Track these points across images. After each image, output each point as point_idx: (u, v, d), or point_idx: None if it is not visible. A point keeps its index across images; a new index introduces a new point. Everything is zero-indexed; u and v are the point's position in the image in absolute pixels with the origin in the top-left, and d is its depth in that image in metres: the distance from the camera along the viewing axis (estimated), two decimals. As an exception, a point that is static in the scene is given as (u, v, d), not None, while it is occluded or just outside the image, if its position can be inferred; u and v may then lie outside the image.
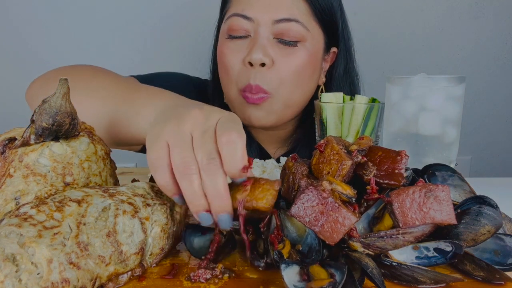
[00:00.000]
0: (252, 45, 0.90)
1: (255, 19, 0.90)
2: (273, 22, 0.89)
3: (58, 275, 0.37)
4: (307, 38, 0.91)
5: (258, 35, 0.90)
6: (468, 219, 0.45)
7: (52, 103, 0.48)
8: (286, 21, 0.89)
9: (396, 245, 0.43)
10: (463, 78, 0.70)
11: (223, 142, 0.44)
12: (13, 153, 0.47)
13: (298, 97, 0.96)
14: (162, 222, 0.47)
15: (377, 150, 0.50)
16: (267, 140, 1.08)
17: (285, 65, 0.91)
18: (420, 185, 0.45)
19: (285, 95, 0.93)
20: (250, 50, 0.90)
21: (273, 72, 0.90)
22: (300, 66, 0.92)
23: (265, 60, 0.88)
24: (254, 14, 0.90)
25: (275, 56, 0.90)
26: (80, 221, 0.41)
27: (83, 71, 0.81)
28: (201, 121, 0.49)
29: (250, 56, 0.89)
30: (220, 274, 0.44)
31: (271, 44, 0.90)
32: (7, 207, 0.45)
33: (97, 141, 0.53)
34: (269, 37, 0.90)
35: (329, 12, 0.95)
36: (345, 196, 0.45)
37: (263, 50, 0.88)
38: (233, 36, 0.92)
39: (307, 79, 0.95)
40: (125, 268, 0.43)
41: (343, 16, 1.01)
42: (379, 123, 0.77)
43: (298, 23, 0.89)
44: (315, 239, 0.45)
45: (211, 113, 0.50)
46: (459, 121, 0.72)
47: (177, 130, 0.48)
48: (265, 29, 0.90)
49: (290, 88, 0.92)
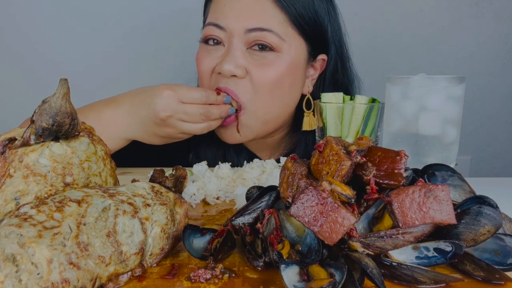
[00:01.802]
0: (224, 55, 0.88)
1: (228, 28, 0.88)
2: (245, 31, 0.87)
3: (58, 275, 0.37)
4: (282, 48, 0.88)
5: (231, 45, 0.88)
6: (468, 219, 0.45)
7: (52, 104, 0.48)
8: (259, 30, 0.86)
9: (396, 245, 0.43)
10: (463, 78, 0.70)
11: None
12: (13, 153, 0.47)
13: (277, 110, 0.93)
14: (162, 223, 0.47)
15: (376, 150, 0.50)
16: (259, 148, 1.06)
17: (259, 76, 0.88)
18: (420, 185, 0.45)
19: (261, 109, 0.90)
20: (222, 60, 0.88)
21: (246, 82, 0.88)
22: (276, 78, 0.88)
23: (237, 72, 0.86)
24: (227, 23, 0.88)
25: (248, 66, 0.88)
26: (80, 221, 0.41)
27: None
28: (168, 97, 0.82)
29: (220, 66, 0.87)
30: (220, 274, 0.44)
31: (243, 55, 0.88)
32: (7, 207, 0.45)
33: (97, 141, 0.53)
34: (242, 48, 0.88)
35: (311, 20, 0.90)
36: (344, 196, 0.45)
37: (234, 61, 0.86)
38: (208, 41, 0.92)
39: (285, 91, 0.91)
40: (125, 268, 0.43)
41: (334, 21, 0.96)
42: (379, 123, 0.77)
43: (271, 33, 0.86)
44: (315, 239, 0.45)
45: (172, 85, 0.84)
46: (459, 121, 0.72)
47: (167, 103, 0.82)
48: (238, 39, 0.87)
49: (265, 101, 0.89)
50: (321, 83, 0.99)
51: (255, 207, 0.55)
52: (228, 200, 0.72)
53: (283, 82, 0.90)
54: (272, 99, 0.90)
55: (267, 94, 0.89)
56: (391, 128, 0.74)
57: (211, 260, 0.46)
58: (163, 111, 0.81)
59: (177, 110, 0.81)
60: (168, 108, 0.81)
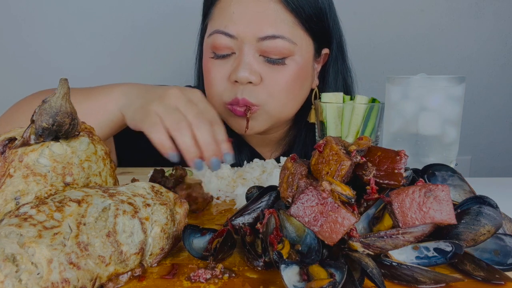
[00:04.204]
0: (237, 63, 0.87)
1: (239, 36, 0.86)
2: (257, 40, 0.85)
3: (58, 275, 0.37)
4: (295, 52, 0.88)
5: (243, 52, 0.86)
6: (468, 219, 0.45)
7: (52, 103, 0.48)
8: (271, 38, 0.85)
9: (396, 245, 0.43)
10: (463, 78, 0.70)
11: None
12: (13, 153, 0.47)
13: (289, 109, 0.95)
14: (162, 222, 0.47)
15: (376, 150, 0.50)
16: (261, 143, 1.07)
17: (274, 82, 0.88)
18: (420, 185, 0.45)
19: (275, 108, 0.91)
20: (236, 68, 0.86)
21: (261, 88, 0.88)
22: (290, 81, 0.89)
23: (252, 78, 0.86)
24: (237, 32, 0.86)
25: (263, 73, 0.87)
26: (80, 221, 0.41)
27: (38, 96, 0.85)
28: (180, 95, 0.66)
29: (236, 75, 0.86)
30: (220, 274, 0.44)
31: (257, 62, 0.87)
32: (7, 207, 0.45)
33: (97, 141, 0.53)
34: (255, 55, 0.87)
35: (317, 18, 0.91)
36: (344, 196, 0.45)
37: (249, 69, 0.86)
38: (218, 55, 0.89)
39: (298, 91, 0.93)
40: (125, 268, 0.43)
41: (334, 16, 0.97)
42: (379, 123, 0.77)
43: (284, 39, 0.86)
44: (315, 239, 0.45)
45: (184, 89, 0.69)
46: (459, 121, 0.72)
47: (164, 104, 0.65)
48: (249, 47, 0.86)
49: (280, 103, 0.91)
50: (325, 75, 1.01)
51: (255, 207, 0.55)
52: (228, 200, 0.72)
53: (296, 83, 0.91)
54: (286, 100, 0.91)
55: (282, 97, 0.90)
56: (391, 128, 0.74)
57: (211, 260, 0.46)
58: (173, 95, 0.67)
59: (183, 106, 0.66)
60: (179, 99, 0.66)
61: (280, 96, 0.90)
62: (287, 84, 0.89)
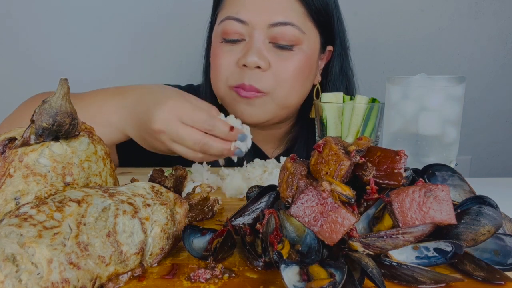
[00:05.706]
0: (247, 48, 0.89)
1: (250, 22, 0.89)
2: (268, 26, 0.88)
3: (58, 275, 0.37)
4: (303, 40, 0.91)
5: (253, 38, 0.89)
6: (468, 219, 0.45)
7: (52, 103, 0.48)
8: (281, 25, 0.88)
9: (396, 245, 0.43)
10: (463, 78, 0.70)
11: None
12: (13, 153, 0.47)
13: (295, 98, 0.96)
14: (162, 222, 0.47)
15: (376, 150, 0.50)
16: (263, 140, 1.08)
17: (282, 69, 0.90)
18: (420, 185, 0.45)
19: (282, 96, 0.93)
20: (246, 53, 0.89)
21: (269, 74, 0.90)
22: (297, 69, 0.92)
23: (261, 63, 0.88)
24: (249, 17, 0.89)
25: (271, 59, 0.90)
26: (80, 221, 0.41)
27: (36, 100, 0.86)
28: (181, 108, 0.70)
29: (245, 59, 0.88)
30: (220, 274, 0.44)
31: (266, 48, 0.90)
32: (7, 207, 0.45)
33: (97, 141, 0.53)
34: (265, 41, 0.90)
35: (324, 12, 0.94)
36: (344, 196, 0.45)
37: (258, 53, 0.88)
38: (228, 39, 0.92)
39: (303, 81, 0.95)
40: (125, 268, 0.43)
41: (338, 14, 1.00)
42: (379, 123, 0.77)
43: (293, 26, 0.89)
44: (315, 239, 0.45)
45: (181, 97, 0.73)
46: (459, 121, 0.72)
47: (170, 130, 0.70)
48: (260, 33, 0.89)
49: (287, 90, 0.92)
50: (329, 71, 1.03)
51: (255, 208, 0.55)
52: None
53: (303, 72, 0.93)
54: (293, 88, 0.93)
55: (289, 85, 0.92)
56: (391, 128, 0.74)
57: (211, 260, 0.46)
58: (158, 124, 0.70)
59: (171, 129, 0.69)
60: (164, 123, 0.70)
61: (286, 83, 0.91)
62: (294, 71, 0.91)
